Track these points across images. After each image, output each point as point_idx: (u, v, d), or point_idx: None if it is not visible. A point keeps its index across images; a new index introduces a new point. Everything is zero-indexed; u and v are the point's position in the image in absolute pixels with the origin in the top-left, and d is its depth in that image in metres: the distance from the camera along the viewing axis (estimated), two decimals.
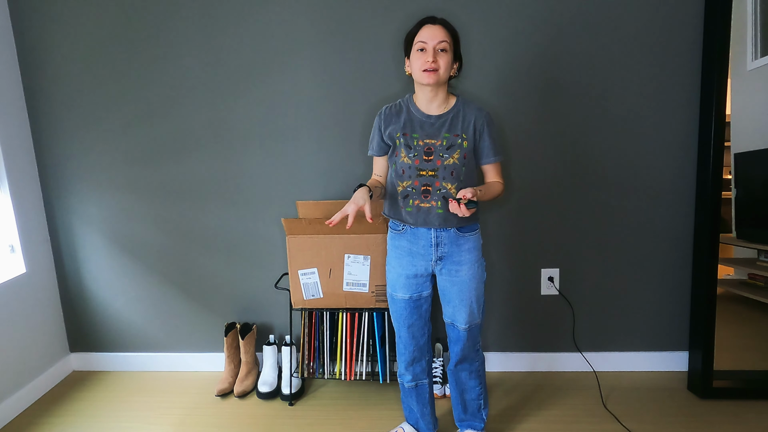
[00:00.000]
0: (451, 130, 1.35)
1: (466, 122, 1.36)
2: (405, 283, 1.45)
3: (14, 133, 1.97)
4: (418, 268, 1.43)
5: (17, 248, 1.96)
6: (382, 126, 1.41)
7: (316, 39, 1.91)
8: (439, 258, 1.41)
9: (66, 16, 1.95)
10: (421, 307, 1.47)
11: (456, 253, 1.40)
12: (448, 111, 1.37)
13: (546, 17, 1.83)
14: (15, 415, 1.87)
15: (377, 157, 1.46)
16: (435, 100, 1.36)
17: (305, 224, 1.80)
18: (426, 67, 1.28)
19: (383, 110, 1.42)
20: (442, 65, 1.28)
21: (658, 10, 1.81)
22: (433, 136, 1.35)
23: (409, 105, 1.40)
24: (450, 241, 1.39)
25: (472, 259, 1.41)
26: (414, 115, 1.38)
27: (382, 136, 1.41)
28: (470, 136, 1.36)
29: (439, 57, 1.28)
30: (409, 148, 1.36)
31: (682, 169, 1.90)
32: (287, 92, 1.95)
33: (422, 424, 1.60)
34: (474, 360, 1.51)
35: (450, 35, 1.30)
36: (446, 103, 1.38)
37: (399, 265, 1.45)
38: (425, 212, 1.37)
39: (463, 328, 1.44)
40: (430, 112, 1.37)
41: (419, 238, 1.40)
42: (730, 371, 1.85)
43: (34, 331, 2.02)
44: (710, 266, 1.79)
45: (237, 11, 1.91)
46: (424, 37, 1.29)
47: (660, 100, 1.86)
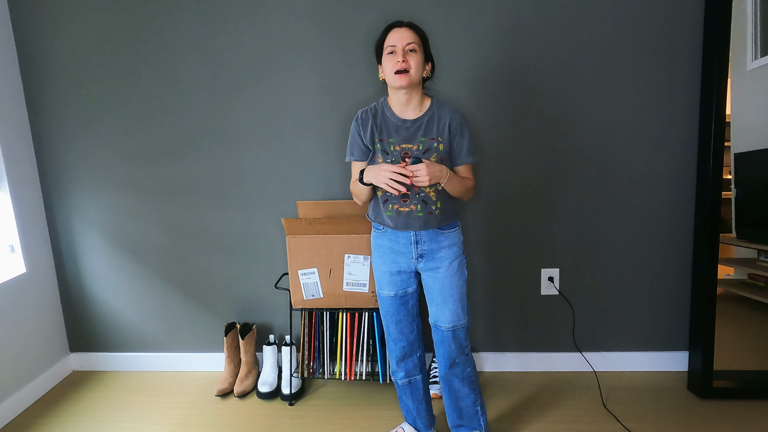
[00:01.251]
0: (426, 133, 1.35)
1: (441, 124, 1.36)
2: (390, 280, 1.46)
3: (14, 133, 1.97)
4: (401, 264, 1.44)
5: (17, 248, 1.96)
6: (360, 131, 1.40)
7: (316, 39, 1.91)
8: (419, 255, 1.42)
9: (66, 17, 1.95)
10: (407, 303, 1.49)
11: (436, 249, 1.41)
12: (423, 114, 1.37)
13: (546, 18, 1.83)
14: (15, 415, 1.87)
15: (357, 162, 1.45)
16: (410, 103, 1.36)
17: (305, 224, 1.80)
18: (397, 68, 1.29)
19: (359, 114, 1.42)
20: (412, 65, 1.29)
21: (658, 10, 1.81)
22: (409, 140, 1.35)
23: (384, 109, 1.40)
24: (429, 239, 1.40)
25: (451, 254, 1.41)
26: (389, 120, 1.38)
27: (363, 141, 1.40)
28: (445, 138, 1.36)
29: (409, 57, 1.30)
30: (386, 153, 1.36)
31: (682, 169, 1.90)
32: (288, 92, 1.95)
33: (420, 423, 1.60)
34: (465, 365, 1.48)
35: (418, 36, 1.31)
36: (421, 106, 1.38)
37: (383, 263, 1.47)
38: (405, 216, 1.38)
39: (446, 327, 1.43)
40: (406, 116, 1.37)
41: (399, 237, 1.42)
42: (730, 371, 1.85)
43: (34, 331, 2.02)
44: (710, 266, 1.79)
45: (237, 11, 1.91)
46: (392, 41, 1.31)
47: (660, 100, 1.86)
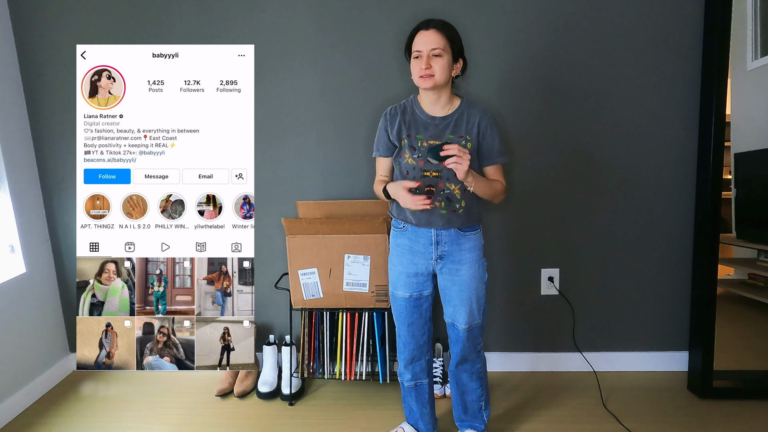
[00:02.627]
0: (455, 131, 1.36)
1: (471, 123, 1.36)
2: (406, 282, 1.45)
3: (14, 133, 1.97)
4: (419, 266, 1.43)
5: (17, 248, 1.96)
6: (388, 127, 1.41)
7: (317, 38, 1.91)
8: (439, 257, 1.41)
9: (66, 16, 1.95)
10: (421, 306, 1.48)
11: (456, 252, 1.40)
12: (452, 113, 1.37)
13: (546, 18, 1.83)
14: (15, 415, 1.87)
15: (382, 158, 1.47)
16: (438, 102, 1.37)
17: (305, 224, 1.80)
18: (421, 74, 1.30)
19: (388, 111, 1.43)
20: (437, 70, 1.29)
21: (659, 10, 1.80)
22: (437, 137, 1.36)
23: (414, 106, 1.41)
24: (450, 240, 1.39)
25: (472, 258, 1.41)
26: (418, 117, 1.39)
27: (389, 137, 1.42)
28: (474, 137, 1.36)
29: (434, 62, 1.29)
30: (413, 149, 1.37)
31: (682, 169, 1.90)
32: (288, 92, 1.95)
33: (422, 425, 1.60)
34: (475, 361, 1.51)
35: (445, 38, 1.30)
36: (450, 105, 1.38)
37: (400, 263, 1.46)
38: (428, 213, 1.37)
39: (462, 328, 1.44)
40: (435, 113, 1.38)
41: (420, 236, 1.41)
42: (730, 371, 1.85)
43: (34, 331, 2.02)
44: (710, 266, 1.79)
45: (237, 11, 1.91)
46: (418, 45, 1.31)
47: (660, 100, 1.86)
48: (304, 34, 1.91)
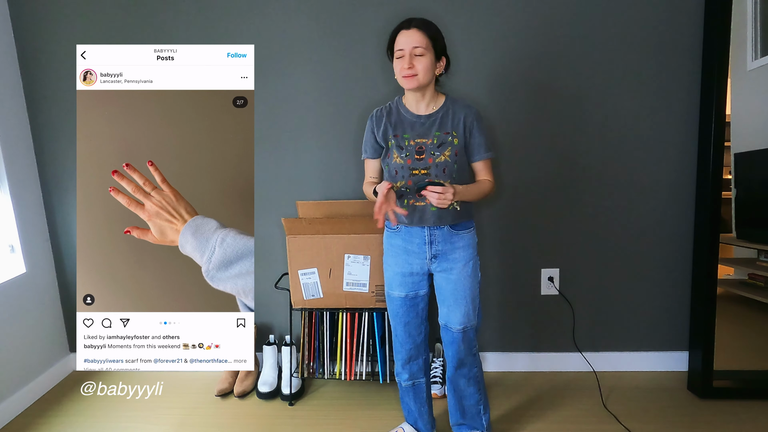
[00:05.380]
0: (441, 128, 1.37)
1: (456, 120, 1.37)
2: (401, 281, 1.46)
3: (14, 133, 1.97)
4: (414, 266, 1.44)
5: (17, 248, 1.96)
6: (374, 128, 1.42)
7: (316, 38, 1.91)
8: (433, 256, 1.41)
9: (66, 16, 1.95)
10: (417, 306, 1.48)
11: (450, 250, 1.41)
12: (437, 110, 1.38)
13: (545, 18, 1.83)
14: (15, 415, 1.87)
15: (371, 159, 1.48)
16: (423, 100, 1.38)
17: (305, 224, 1.81)
18: (404, 74, 1.31)
19: (374, 113, 1.44)
20: (420, 70, 1.30)
21: (658, 10, 1.80)
22: (423, 135, 1.37)
23: (399, 106, 1.42)
24: (444, 239, 1.40)
25: (466, 256, 1.41)
26: (404, 116, 1.40)
27: (376, 138, 1.42)
28: (460, 133, 1.37)
29: (416, 61, 1.30)
30: (401, 148, 1.37)
31: (682, 169, 1.90)
32: (288, 92, 1.95)
33: (421, 424, 1.60)
34: (472, 365, 1.50)
35: (427, 36, 1.30)
36: (435, 102, 1.39)
37: (395, 264, 1.46)
38: (420, 211, 1.38)
39: (457, 329, 1.44)
40: (420, 112, 1.39)
41: (413, 236, 1.41)
42: (730, 371, 1.85)
43: (34, 331, 2.02)
44: (710, 266, 1.79)
45: (237, 11, 1.91)
46: (400, 44, 1.32)
47: (660, 100, 1.86)
48: (305, 35, 1.91)
